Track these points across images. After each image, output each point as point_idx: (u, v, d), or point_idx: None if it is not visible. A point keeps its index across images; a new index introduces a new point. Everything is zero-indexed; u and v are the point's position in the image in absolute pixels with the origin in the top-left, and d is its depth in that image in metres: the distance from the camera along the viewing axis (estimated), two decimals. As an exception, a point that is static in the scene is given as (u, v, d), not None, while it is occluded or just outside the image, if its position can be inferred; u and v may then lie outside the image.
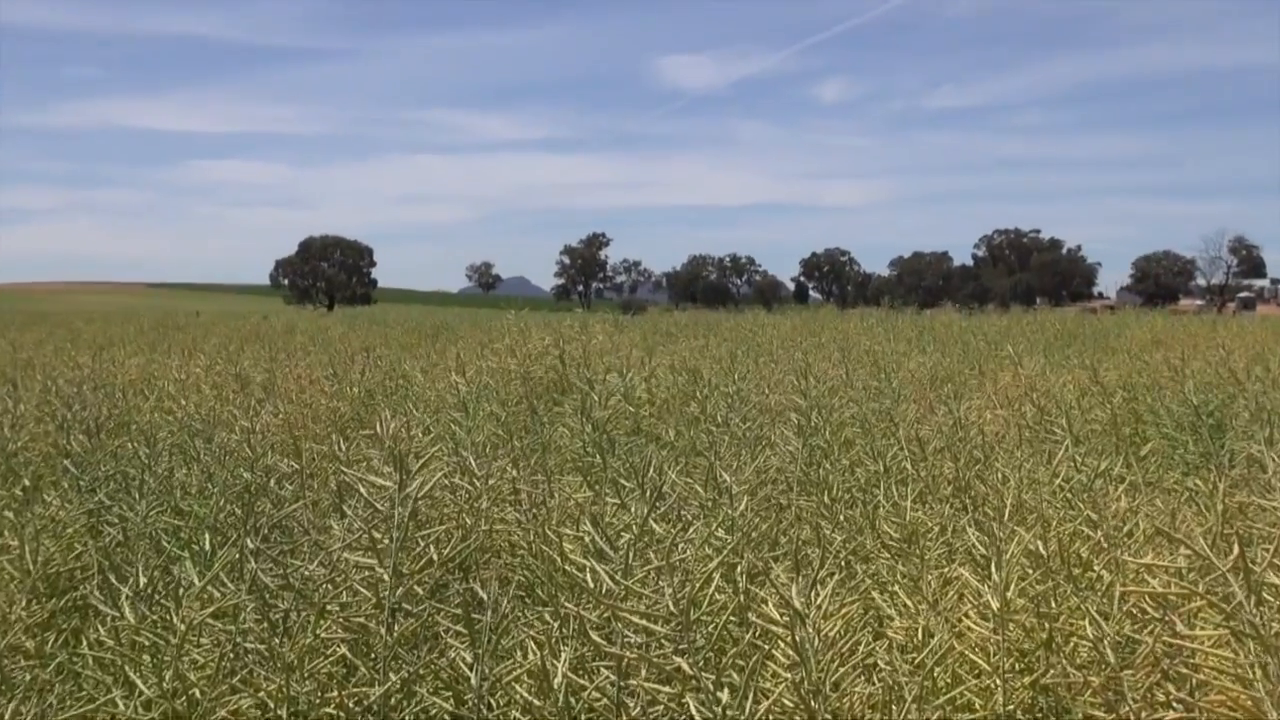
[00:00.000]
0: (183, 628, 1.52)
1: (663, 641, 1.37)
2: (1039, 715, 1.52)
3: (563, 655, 1.44)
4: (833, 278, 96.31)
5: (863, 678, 1.41)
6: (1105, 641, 1.46)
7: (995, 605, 1.58)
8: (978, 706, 1.52)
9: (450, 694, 1.58)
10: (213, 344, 9.00)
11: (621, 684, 1.38)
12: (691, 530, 1.87)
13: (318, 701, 1.56)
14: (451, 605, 1.76)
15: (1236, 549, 1.23)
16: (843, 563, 2.06)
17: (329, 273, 73.88)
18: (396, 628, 1.64)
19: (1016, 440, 3.03)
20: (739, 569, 1.79)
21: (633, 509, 1.98)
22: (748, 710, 1.22)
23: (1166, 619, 1.38)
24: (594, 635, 1.46)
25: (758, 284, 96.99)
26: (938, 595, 1.71)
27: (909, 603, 1.72)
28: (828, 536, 2.21)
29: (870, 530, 2.22)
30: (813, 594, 1.34)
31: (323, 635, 1.63)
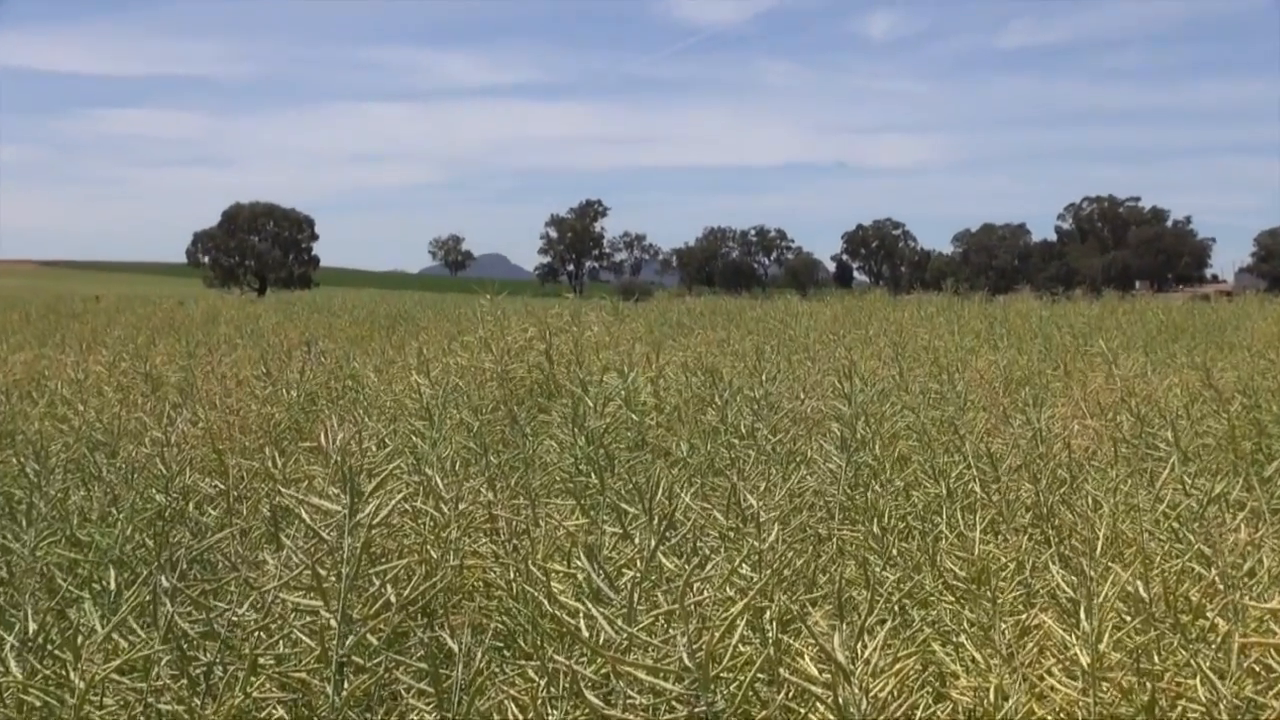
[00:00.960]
0: (82, 685, 1.51)
1: (674, 704, 1.37)
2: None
3: (551, 720, 1.44)
4: (883, 256, 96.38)
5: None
6: (1221, 705, 1.45)
7: (1085, 660, 1.57)
8: (1063, 785, 1.51)
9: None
10: (117, 336, 9.03)
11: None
12: (710, 567, 1.87)
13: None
14: (413, 658, 1.76)
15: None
16: (896, 607, 2.07)
17: (260, 248, 73.93)
18: (345, 685, 1.64)
19: (1110, 457, 3.04)
20: (768, 614, 1.79)
21: (637, 540, 1.98)
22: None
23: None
24: (590, 695, 1.46)
25: (790, 264, 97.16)
26: (1013, 648, 1.70)
27: (978, 656, 1.72)
28: (877, 575, 2.21)
29: (930, 567, 2.22)
30: (859, 646, 1.34)
31: (255, 695, 1.62)
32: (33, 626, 1.72)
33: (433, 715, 1.57)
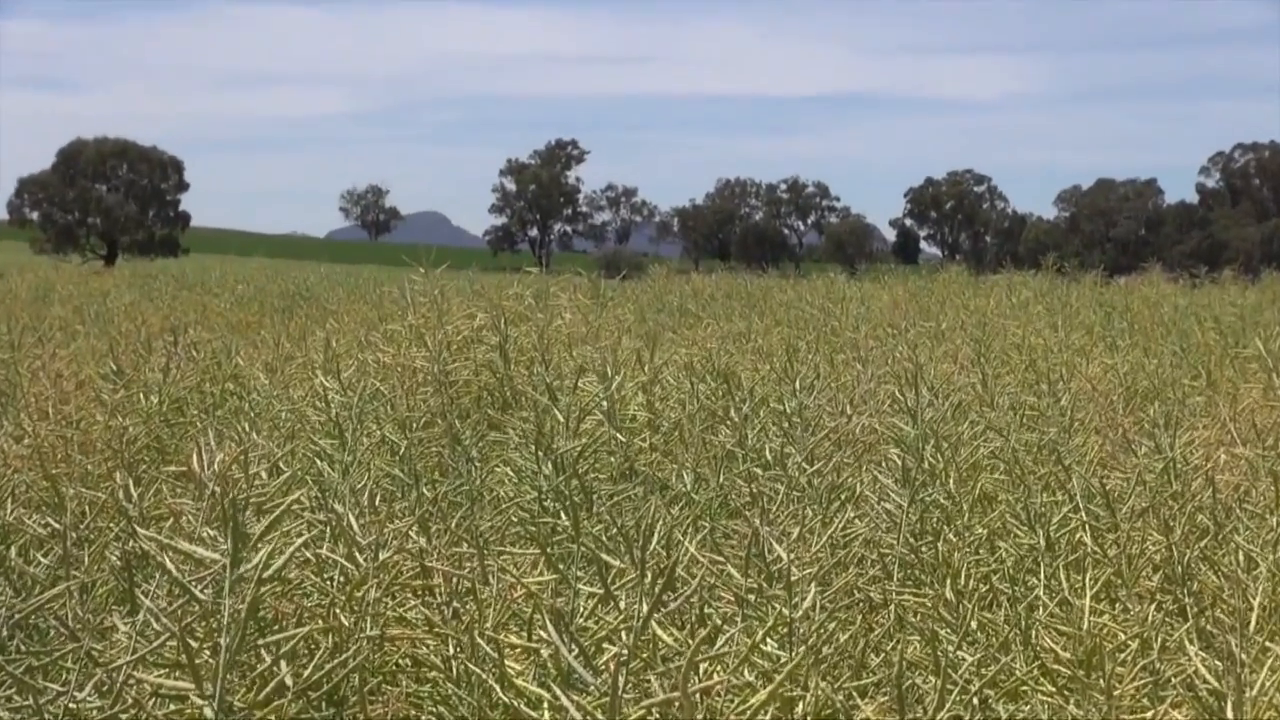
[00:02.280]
0: None
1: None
2: None
3: None
4: (960, 221, 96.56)
5: None
6: None
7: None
8: None
9: None
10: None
11: None
12: (723, 641, 1.88)
13: None
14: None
15: None
16: (975, 700, 2.08)
17: (108, 201, 73.57)
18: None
19: (1270, 499, 3.05)
20: (801, 708, 1.80)
21: (623, 603, 1.99)
22: None
23: None
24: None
25: (834, 230, 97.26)
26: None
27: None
28: (950, 656, 2.22)
29: (1022, 646, 2.23)
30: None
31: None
32: None
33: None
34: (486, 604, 2.28)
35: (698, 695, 1.53)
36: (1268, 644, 1.82)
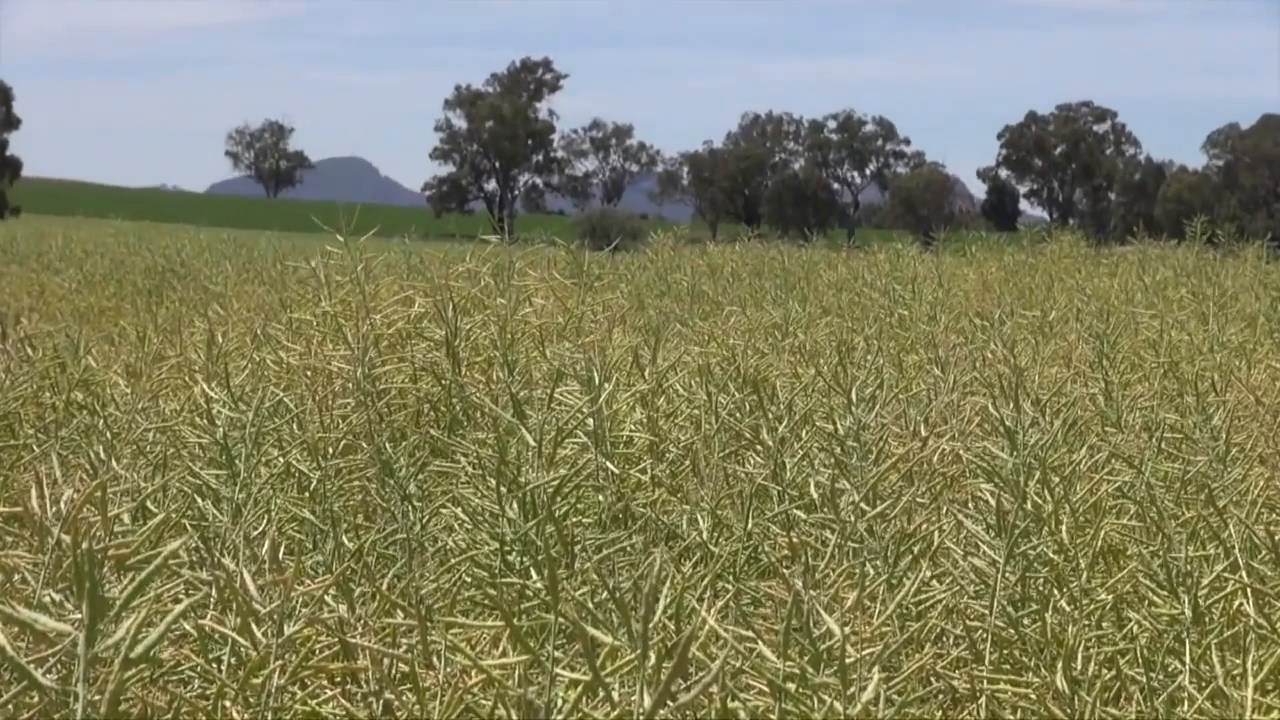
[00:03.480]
0: None
1: None
2: None
3: None
4: (1074, 172, 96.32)
5: None
6: None
7: None
8: None
9: None
10: None
11: None
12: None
13: None
14: None
15: None
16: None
17: (-92, 142, 73.51)
18: None
19: None
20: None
21: (616, 694, 2.00)
22: None
23: None
24: None
25: (902, 184, 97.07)
26: None
27: None
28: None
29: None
30: None
31: None
32: None
33: None
34: (430, 695, 2.29)
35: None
36: None
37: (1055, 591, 3.04)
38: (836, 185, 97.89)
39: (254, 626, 2.37)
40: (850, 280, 11.72)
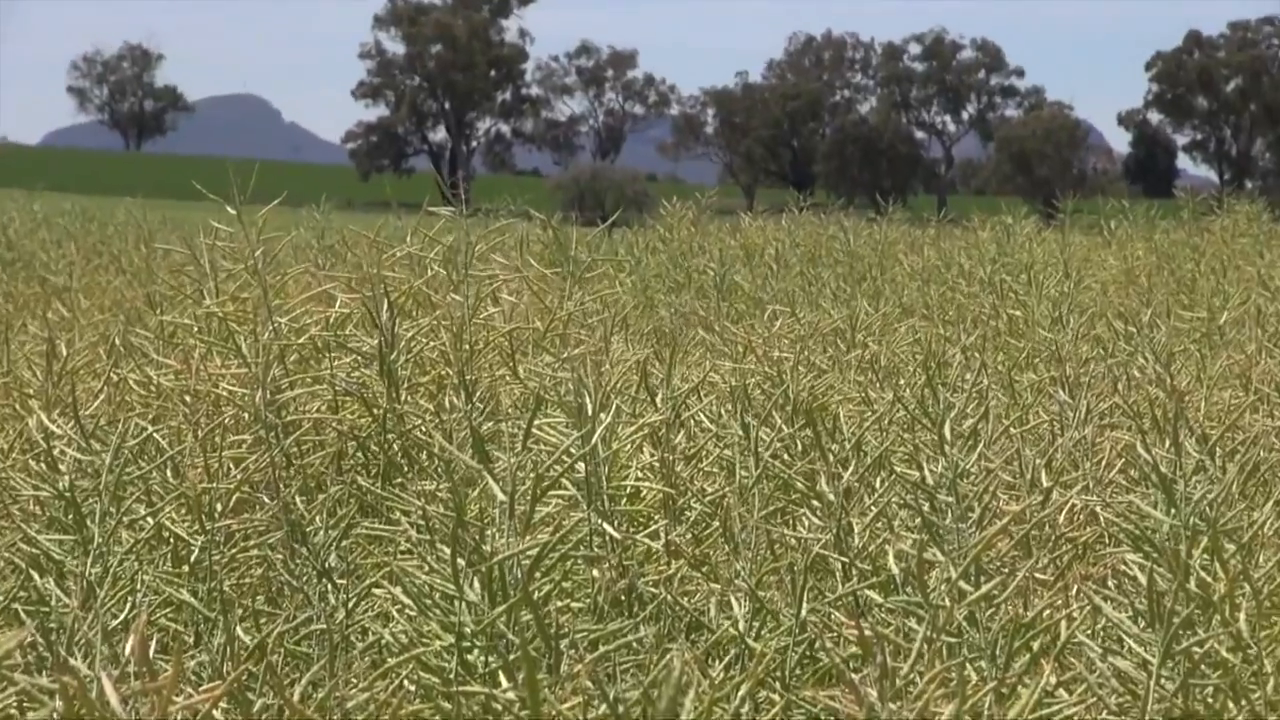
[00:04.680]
0: None
1: None
2: None
3: None
4: (1255, 117, 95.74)
5: None
6: None
7: None
8: None
9: None
10: None
11: None
12: None
13: None
14: None
15: None
16: None
17: None
18: None
19: None
20: None
21: None
22: None
23: None
24: None
25: (1011, 134, 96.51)
26: None
27: None
28: None
29: None
30: None
31: None
32: None
33: None
34: None
35: None
36: None
37: (1231, 705, 3.04)
38: (921, 134, 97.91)
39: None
40: (941, 268, 11.71)
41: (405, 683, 3.16)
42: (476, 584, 3.18)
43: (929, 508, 3.57)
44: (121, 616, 3.07)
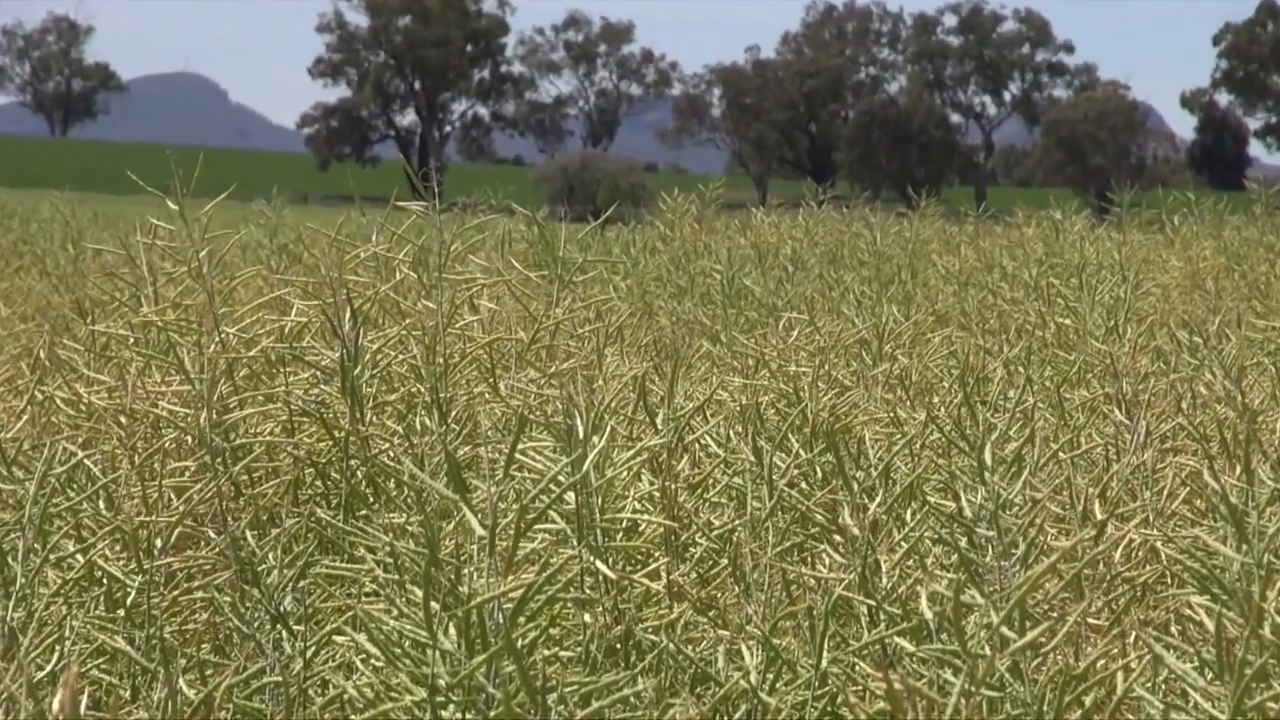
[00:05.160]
0: None
1: None
2: None
3: None
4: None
5: None
6: None
7: None
8: None
9: None
10: None
11: None
12: None
13: None
14: None
15: None
16: None
17: None
18: None
19: None
20: None
21: None
22: None
23: None
24: None
25: (1060, 118, 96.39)
26: None
27: None
28: None
29: None
30: None
31: None
32: None
33: None
34: None
35: None
36: None
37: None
38: (957, 117, 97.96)
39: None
40: (980, 271, 11.71)
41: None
42: (452, 630, 3.18)
43: (967, 543, 3.58)
44: (48, 668, 3.07)
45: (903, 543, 3.80)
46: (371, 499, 4.86)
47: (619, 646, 3.87)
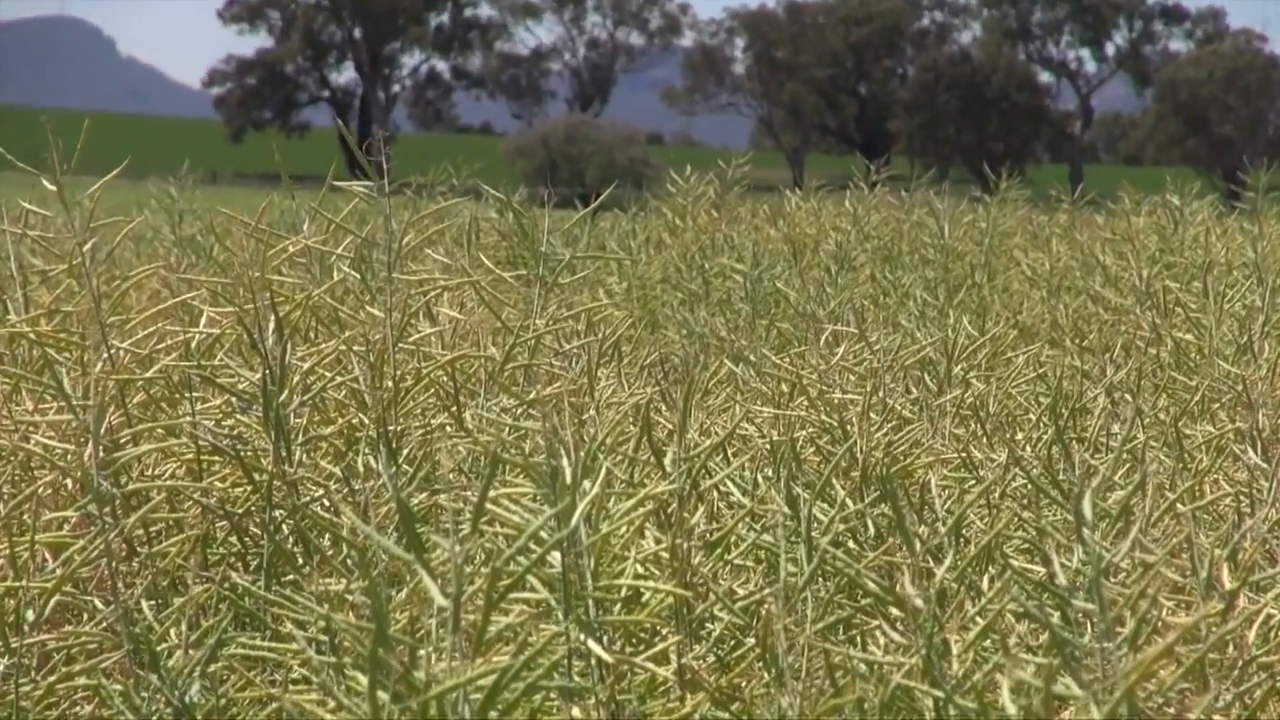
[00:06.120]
0: None
1: None
2: None
3: None
4: None
5: None
6: None
7: None
8: None
9: None
10: None
11: None
12: None
13: None
14: None
15: None
16: None
17: None
18: None
19: None
20: None
21: None
22: None
23: None
24: None
25: (1177, 77, 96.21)
26: None
27: None
28: None
29: None
30: None
31: None
32: None
33: None
34: None
35: None
36: None
37: None
38: (1047, 76, 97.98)
39: None
40: (1076, 271, 11.72)
41: None
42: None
43: (1060, 619, 3.60)
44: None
45: (978, 618, 3.82)
46: (301, 560, 4.87)
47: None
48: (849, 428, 5.36)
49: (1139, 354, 8.14)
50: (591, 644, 3.95)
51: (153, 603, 4.31)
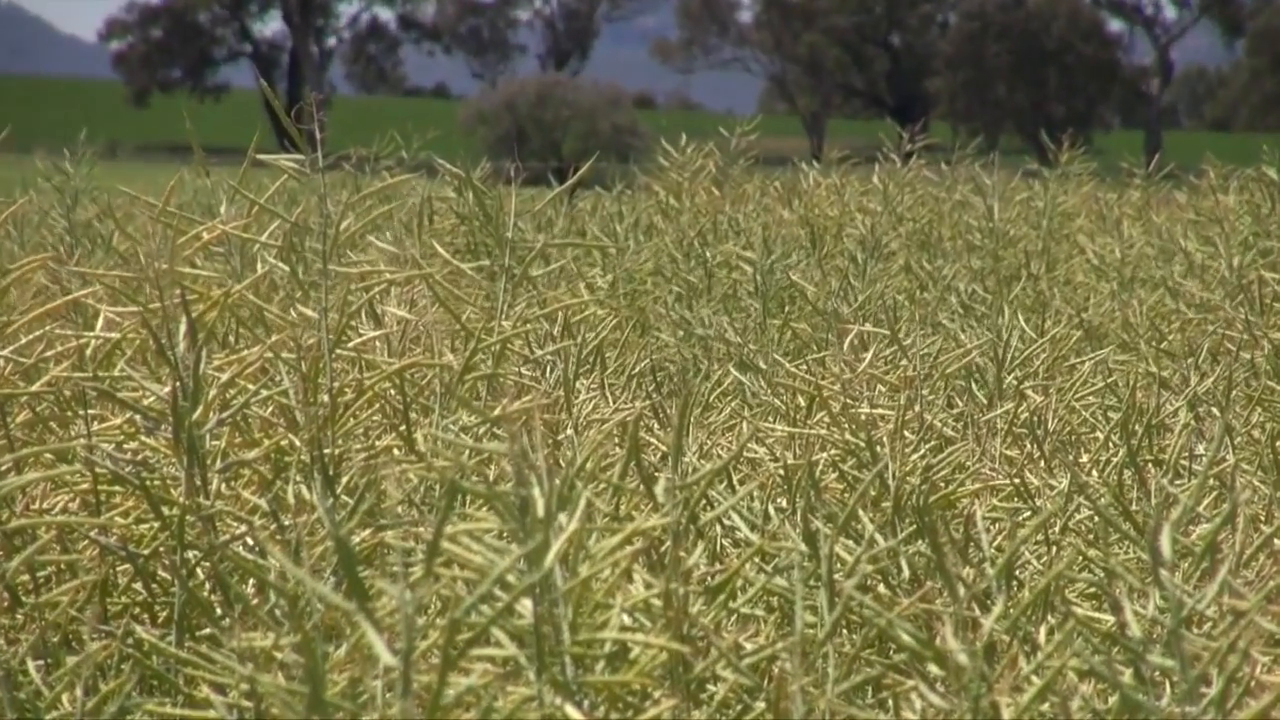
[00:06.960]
0: None
1: None
2: None
3: None
4: None
5: None
6: None
7: None
8: None
9: None
10: None
11: None
12: None
13: None
14: None
15: None
16: None
17: None
18: None
19: None
20: None
21: None
22: None
23: None
24: None
25: (1269, 27, 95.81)
26: None
27: None
28: None
29: None
30: None
31: None
32: None
33: None
34: None
35: None
36: None
37: None
38: (1117, 24, 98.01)
39: None
40: (1153, 259, 11.74)
41: None
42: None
43: (1132, 677, 3.61)
44: None
45: (1034, 676, 3.83)
46: (220, 610, 4.87)
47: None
48: (879, 449, 5.37)
49: (1229, 359, 8.14)
50: (569, 709, 3.96)
51: (40, 663, 4.32)
